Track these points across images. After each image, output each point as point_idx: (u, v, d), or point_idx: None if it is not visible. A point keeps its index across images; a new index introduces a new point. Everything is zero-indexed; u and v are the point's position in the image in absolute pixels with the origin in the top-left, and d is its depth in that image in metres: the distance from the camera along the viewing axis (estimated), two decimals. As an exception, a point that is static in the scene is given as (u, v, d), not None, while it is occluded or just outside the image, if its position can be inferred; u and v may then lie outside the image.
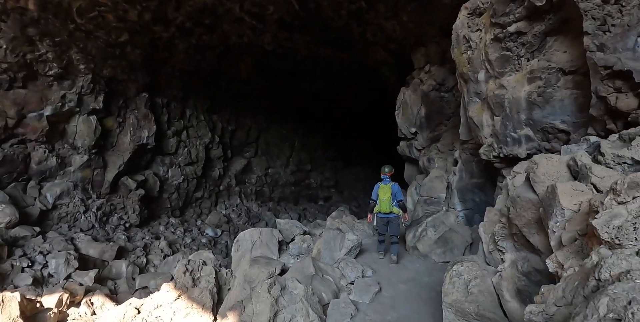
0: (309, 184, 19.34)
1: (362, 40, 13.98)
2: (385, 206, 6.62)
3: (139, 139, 13.25)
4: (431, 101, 9.21)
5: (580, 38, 4.78)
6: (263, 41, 14.40)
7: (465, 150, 7.10)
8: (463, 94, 6.42)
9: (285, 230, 7.91)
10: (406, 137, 10.53)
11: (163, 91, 13.94)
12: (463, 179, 7.19)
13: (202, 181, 15.88)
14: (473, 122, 6.02)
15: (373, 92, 18.48)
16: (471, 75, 5.92)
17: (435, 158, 8.40)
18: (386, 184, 6.73)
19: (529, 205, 2.90)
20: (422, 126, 9.60)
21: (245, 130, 17.06)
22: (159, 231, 14.32)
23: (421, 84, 9.25)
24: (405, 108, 9.86)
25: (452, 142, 8.61)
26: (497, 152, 5.49)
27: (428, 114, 9.40)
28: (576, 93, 4.68)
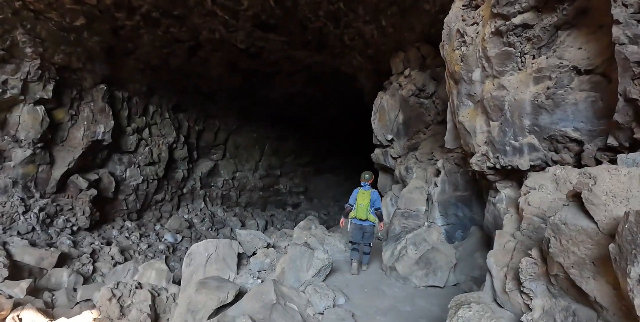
0: (278, 189, 18.15)
1: (340, 44, 13.07)
2: (362, 212, 6.23)
3: (93, 135, 11.77)
4: (410, 107, 8.34)
5: (599, 32, 3.93)
6: (236, 39, 13.23)
7: (449, 159, 6.20)
8: (452, 97, 5.51)
9: (246, 242, 6.74)
10: (382, 145, 9.62)
11: (125, 84, 12.51)
12: (446, 191, 6.28)
13: (163, 183, 14.43)
14: (464, 127, 5.10)
15: (349, 98, 17.62)
16: (464, 75, 5.01)
17: (413, 167, 7.49)
18: (366, 190, 6.37)
19: (582, 237, 1.94)
20: (400, 133, 8.71)
21: (214, 131, 15.74)
22: (111, 235, 12.78)
23: (400, 89, 8.37)
24: (382, 113, 8.95)
25: (432, 151, 7.73)
26: (493, 162, 4.57)
27: (406, 121, 8.52)
28: (593, 96, 3.80)
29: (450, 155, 6.19)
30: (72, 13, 9.87)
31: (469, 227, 6.06)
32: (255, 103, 16.61)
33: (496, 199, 4.81)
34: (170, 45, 12.56)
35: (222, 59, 14.26)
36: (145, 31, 11.83)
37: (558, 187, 3.27)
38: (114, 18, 10.75)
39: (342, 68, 14.59)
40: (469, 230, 5.96)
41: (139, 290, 4.95)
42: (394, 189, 8.35)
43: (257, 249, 6.70)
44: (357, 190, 6.46)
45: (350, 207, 6.42)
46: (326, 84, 16.84)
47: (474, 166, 4.92)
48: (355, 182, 21.93)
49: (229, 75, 15.12)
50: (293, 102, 17.51)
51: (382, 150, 9.80)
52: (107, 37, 11.00)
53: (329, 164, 21.48)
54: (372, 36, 12.15)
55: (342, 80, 16.40)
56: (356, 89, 16.40)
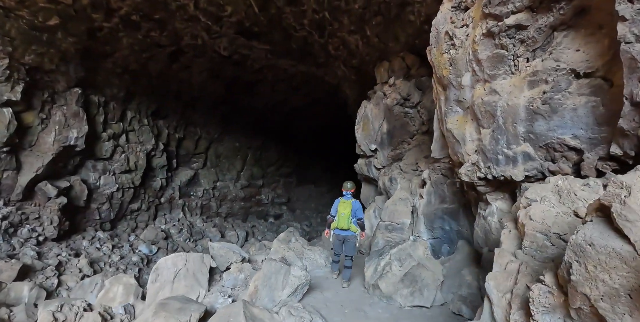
0: (259, 200, 17.51)
1: (324, 54, 12.75)
2: (343, 222, 6.06)
3: (65, 140, 11.04)
4: (394, 116, 7.96)
5: (598, 33, 3.61)
6: (219, 46, 12.79)
7: (436, 170, 5.80)
8: (439, 103, 5.13)
9: (219, 256, 6.15)
10: (365, 155, 9.21)
11: (101, 89, 11.86)
12: (432, 203, 5.85)
13: (140, 192, 13.67)
14: (452, 136, 4.70)
15: (332, 109, 17.28)
16: (453, 80, 4.64)
17: (397, 178, 7.06)
18: (347, 200, 6.20)
19: (615, 261, 1.51)
20: (384, 143, 8.31)
21: (194, 140, 15.11)
22: (80, 246, 11.93)
23: (384, 98, 8.01)
24: (365, 123, 8.56)
25: (416, 161, 7.33)
26: (484, 172, 4.16)
27: (390, 130, 8.13)
28: (594, 100, 3.44)
29: (436, 166, 5.78)
30: (46, 12, 9.28)
31: (456, 241, 5.63)
32: (238, 111, 16.10)
33: (487, 212, 4.39)
34: (150, 50, 12.01)
35: (204, 65, 13.79)
36: (124, 34, 11.30)
37: (561, 200, 2.85)
38: (91, 19, 10.19)
39: (326, 78, 14.25)
40: (456, 244, 5.53)
41: (87, 313, 4.32)
42: (377, 200, 7.89)
43: (231, 264, 6.11)
44: (338, 200, 6.30)
45: (332, 218, 6.24)
46: (310, 94, 16.48)
47: (463, 176, 4.50)
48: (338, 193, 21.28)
49: (211, 83, 14.62)
50: (276, 112, 17.07)
51: (366, 161, 9.39)
52: (82, 39, 10.40)
53: (312, 175, 20.98)
54: (356, 46, 11.87)
55: (326, 90, 16.07)
56: (340, 99, 16.09)
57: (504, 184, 4.18)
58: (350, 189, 6.24)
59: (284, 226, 17.60)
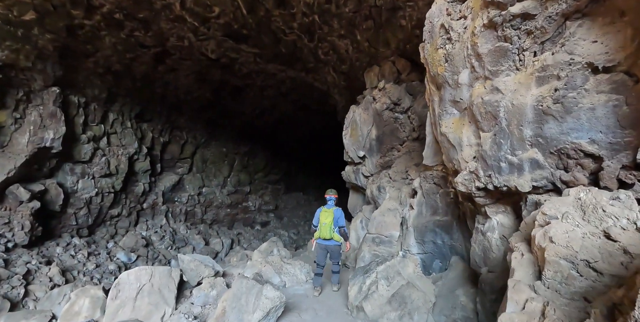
0: (246, 207, 16.74)
1: (314, 58, 12.19)
2: (325, 231, 5.76)
3: (40, 141, 10.25)
4: (384, 122, 7.36)
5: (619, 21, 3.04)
6: (207, 48, 12.15)
7: (428, 178, 5.17)
8: (433, 105, 4.52)
9: (189, 270, 5.42)
10: (353, 162, 8.58)
11: (82, 89, 11.14)
12: (423, 214, 5.22)
13: (121, 196, 12.86)
14: (447, 140, 4.08)
15: (322, 116, 16.69)
16: (448, 78, 4.05)
17: (386, 187, 6.43)
18: (329, 208, 5.92)
19: None
20: (372, 150, 7.69)
21: (180, 144, 14.36)
22: (54, 253, 11.06)
23: (374, 102, 7.42)
24: (354, 128, 7.95)
25: (406, 169, 6.71)
26: (484, 182, 3.54)
27: (379, 136, 7.53)
28: (616, 99, 2.85)
29: (428, 174, 5.16)
30: (21, 6, 8.60)
31: (449, 257, 4.98)
32: (225, 116, 15.42)
33: (486, 227, 3.76)
34: (134, 50, 11.33)
35: (191, 68, 13.13)
36: (106, 33, 10.62)
37: (586, 217, 2.23)
38: (70, 15, 9.51)
39: (315, 84, 13.68)
40: (449, 260, 4.89)
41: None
42: (365, 210, 7.25)
43: (202, 278, 5.38)
44: (320, 209, 6.04)
45: (314, 228, 5.99)
46: (299, 100, 15.89)
47: (459, 186, 3.87)
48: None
49: (198, 86, 13.95)
50: (264, 117, 16.42)
51: (354, 168, 8.76)
52: (61, 36, 9.69)
53: (300, 182, 20.29)
54: (346, 51, 11.33)
55: (315, 97, 15.51)
56: (329, 107, 15.52)
57: (506, 195, 3.56)
58: (333, 193, 6.00)
59: (271, 233, 16.84)
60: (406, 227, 5.55)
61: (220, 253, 14.29)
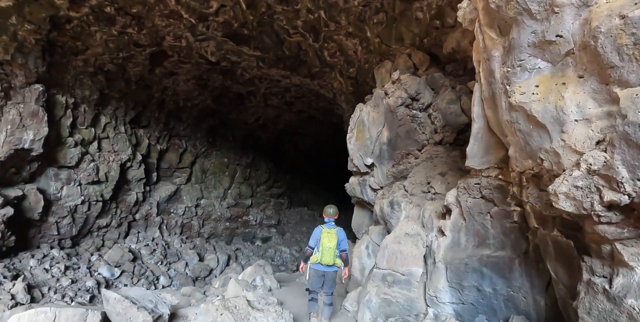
0: (247, 221, 14.67)
1: (319, 61, 10.38)
2: (328, 256, 4.66)
3: (18, 142, 8.60)
4: (398, 121, 5.35)
5: None
6: (206, 50, 10.46)
7: (471, 190, 3.15)
8: (488, 66, 2.48)
9: (115, 314, 3.32)
10: (359, 171, 6.54)
11: (70, 89, 9.52)
12: (461, 245, 3.16)
13: (110, 206, 10.99)
14: (526, 117, 1.94)
15: (328, 127, 14.76)
16: (531, 3, 1.89)
17: (401, 203, 4.38)
18: (331, 229, 4.80)
19: None
20: (383, 156, 5.64)
21: (179, 153, 12.56)
22: (26, 266, 9.15)
23: (386, 97, 5.43)
24: (360, 130, 5.95)
25: (428, 180, 4.64)
26: (630, 190, 1.29)
27: (392, 140, 5.49)
28: None
29: (472, 183, 3.12)
30: (-5, -8, 6.98)
31: (502, 313, 2.82)
32: (227, 125, 13.63)
33: (617, 286, 1.53)
34: (127, 49, 9.69)
35: (190, 72, 11.43)
36: (97, 29, 9.05)
37: None
38: (53, 5, 7.98)
39: (321, 91, 11.81)
40: (504, 320, 2.67)
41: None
42: (372, 232, 5.14)
43: (135, 326, 3.27)
44: (319, 229, 4.87)
45: (311, 251, 4.85)
46: (304, 111, 14.02)
47: (561, 201, 1.80)
48: None
49: (198, 92, 12.22)
50: (267, 128, 14.59)
51: (359, 179, 6.71)
52: (43, 28, 8.14)
53: (304, 197, 18.22)
54: (354, 52, 9.48)
55: (320, 107, 13.63)
56: (335, 117, 13.62)
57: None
58: (332, 215, 4.85)
59: (272, 250, 14.66)
60: (433, 261, 3.45)
61: (214, 270, 12.13)
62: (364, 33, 8.61)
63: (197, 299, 6.81)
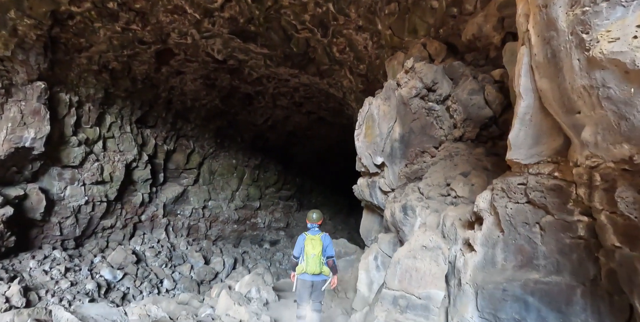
0: (255, 223, 13.98)
1: (328, 58, 9.68)
2: (314, 265, 4.24)
3: (18, 140, 8.17)
4: (412, 115, 4.55)
5: None
6: (213, 48, 9.89)
7: (513, 192, 2.23)
8: (537, 18, 1.52)
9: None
10: (368, 172, 5.74)
11: (74, 87, 9.08)
12: (497, 264, 2.31)
13: (115, 207, 10.48)
14: (616, 80, 1.00)
15: (338, 129, 13.96)
16: None
17: (416, 208, 3.57)
18: (315, 235, 4.43)
19: None
20: (394, 155, 4.84)
21: (186, 154, 11.99)
22: (25, 267, 8.67)
23: (398, 88, 4.60)
24: (370, 126, 5.17)
25: (447, 181, 3.86)
26: None
27: (405, 136, 4.68)
28: None
29: (515, 183, 2.24)
30: (-9, -17, 6.53)
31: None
32: (235, 126, 13.01)
33: None
34: (132, 46, 9.18)
35: (197, 72, 10.88)
36: (100, 25, 8.57)
37: None
38: (54, 0, 7.38)
39: (330, 90, 11.08)
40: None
41: None
42: (381, 240, 4.33)
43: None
44: (303, 236, 4.56)
45: (296, 261, 4.56)
46: (313, 112, 13.28)
47: None
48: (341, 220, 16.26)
49: (206, 92, 11.66)
50: (276, 129, 13.89)
51: (368, 181, 5.91)
52: (44, 24, 7.65)
53: (313, 200, 17.42)
54: (365, 47, 8.73)
55: (330, 109, 12.91)
56: (345, 118, 12.82)
57: None
58: (316, 220, 4.64)
59: (280, 253, 13.91)
60: (458, 283, 2.62)
61: (220, 274, 11.45)
62: (375, 26, 7.84)
63: (195, 307, 6.10)
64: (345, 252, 7.84)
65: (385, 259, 4.13)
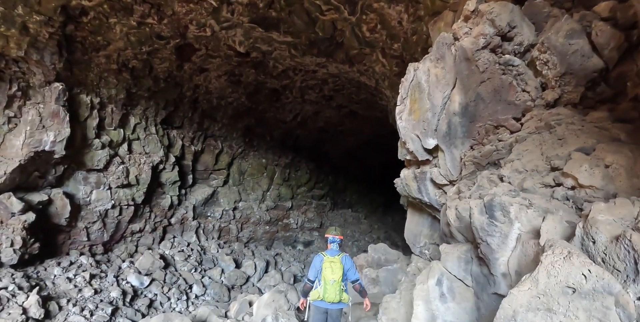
0: (287, 224, 12.73)
1: (357, 41, 8.15)
2: (332, 292, 3.47)
3: (38, 144, 7.44)
4: (480, 75, 2.93)
5: None
6: (234, 40, 8.72)
7: None
8: None
9: None
10: (415, 159, 4.14)
11: (95, 88, 8.27)
12: None
13: (144, 210, 9.66)
14: None
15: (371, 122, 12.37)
16: None
17: (510, 207, 1.96)
18: (334, 256, 3.62)
19: None
20: (454, 133, 3.23)
21: (215, 154, 11.02)
22: (50, 275, 7.91)
23: (456, 42, 2.96)
24: (416, 99, 3.60)
25: (552, 164, 2.01)
26: None
27: (470, 106, 3.06)
28: None
29: None
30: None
31: None
32: (264, 124, 11.84)
33: None
34: (150, 42, 8.27)
35: (221, 68, 9.84)
36: (115, 21, 7.66)
37: None
38: (63, -7, 6.55)
39: (361, 80, 9.53)
40: None
41: None
42: (446, 256, 2.80)
43: None
44: (320, 257, 3.67)
45: (310, 285, 3.64)
46: (344, 106, 11.81)
47: None
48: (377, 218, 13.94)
49: (232, 90, 10.60)
50: (307, 126, 12.54)
51: (416, 172, 4.33)
52: (55, 20, 6.81)
53: (347, 199, 15.85)
54: (399, 22, 7.16)
55: (362, 101, 11.39)
56: (379, 111, 11.22)
57: None
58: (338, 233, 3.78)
59: (314, 254, 12.45)
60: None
61: (252, 277, 10.27)
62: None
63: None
64: (386, 259, 6.26)
65: (456, 285, 2.62)
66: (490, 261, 2.31)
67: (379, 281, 5.70)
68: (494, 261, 2.37)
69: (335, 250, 3.71)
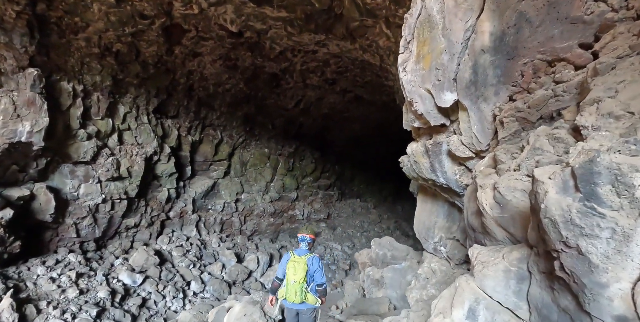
0: (293, 216, 11.70)
1: (357, 11, 6.84)
2: (293, 292, 3.27)
3: (12, 134, 6.57)
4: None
5: None
6: (225, 18, 7.57)
7: None
8: None
9: None
10: (427, 125, 2.90)
11: (77, 74, 7.29)
12: None
13: (139, 204, 8.80)
14: None
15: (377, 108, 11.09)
16: None
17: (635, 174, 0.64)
18: (301, 256, 3.36)
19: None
20: (482, 81, 1.95)
21: (214, 144, 10.04)
22: (32, 275, 7.10)
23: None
24: (426, 40, 2.38)
25: None
26: None
27: (506, 35, 1.75)
28: None
29: None
30: None
31: None
32: (264, 112, 10.76)
33: None
34: (132, 22, 7.24)
35: (215, 51, 8.76)
36: (90, -2, 6.55)
37: None
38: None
39: (365, 58, 8.26)
40: None
41: None
42: (485, 270, 1.63)
43: None
44: (287, 255, 3.45)
45: (277, 283, 3.50)
46: (349, 90, 10.58)
47: None
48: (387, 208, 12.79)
49: (228, 75, 9.54)
50: (310, 113, 11.39)
51: (427, 144, 3.08)
52: (21, -4, 5.78)
53: (355, 188, 14.64)
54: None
55: (367, 84, 10.15)
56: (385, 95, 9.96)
57: None
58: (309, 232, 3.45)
59: (321, 246, 11.48)
60: None
61: (254, 272, 9.32)
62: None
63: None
64: (393, 256, 5.00)
65: (501, 318, 1.43)
66: (586, 286, 1.15)
67: (384, 282, 4.49)
68: (595, 289, 1.18)
69: (304, 250, 3.39)
